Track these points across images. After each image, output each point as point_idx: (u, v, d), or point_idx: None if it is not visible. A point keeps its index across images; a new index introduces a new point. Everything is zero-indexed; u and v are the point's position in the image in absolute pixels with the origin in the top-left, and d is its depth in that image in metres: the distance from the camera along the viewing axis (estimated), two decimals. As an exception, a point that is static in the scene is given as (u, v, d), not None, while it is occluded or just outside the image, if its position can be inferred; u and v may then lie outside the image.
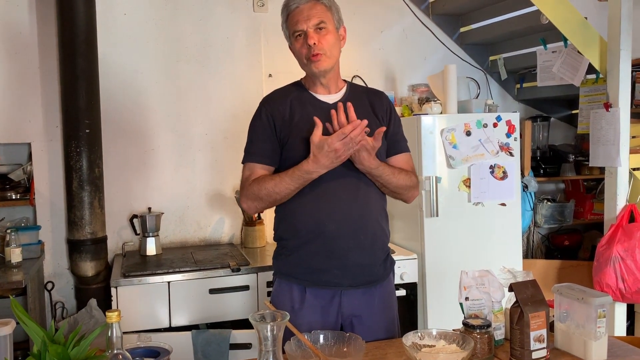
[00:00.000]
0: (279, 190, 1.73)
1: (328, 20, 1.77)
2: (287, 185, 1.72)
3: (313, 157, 1.66)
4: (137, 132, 3.26)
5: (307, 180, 1.71)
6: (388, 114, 1.90)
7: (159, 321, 2.71)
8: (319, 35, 1.75)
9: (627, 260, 2.81)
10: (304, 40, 1.76)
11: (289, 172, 1.72)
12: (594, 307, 1.46)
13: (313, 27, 1.75)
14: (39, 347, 1.19)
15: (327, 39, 1.76)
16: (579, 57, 3.09)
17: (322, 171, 1.69)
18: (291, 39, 1.81)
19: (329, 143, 1.63)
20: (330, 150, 1.63)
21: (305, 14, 1.75)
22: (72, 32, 2.90)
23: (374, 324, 1.82)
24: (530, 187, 3.61)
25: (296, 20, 1.76)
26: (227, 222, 3.45)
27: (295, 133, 1.77)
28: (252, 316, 1.28)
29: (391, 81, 3.74)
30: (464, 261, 3.01)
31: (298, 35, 1.77)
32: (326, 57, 1.77)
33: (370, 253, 1.81)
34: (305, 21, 1.75)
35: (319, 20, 1.75)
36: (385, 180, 1.79)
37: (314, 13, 1.75)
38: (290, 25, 1.79)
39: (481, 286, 1.60)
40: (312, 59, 1.76)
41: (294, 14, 1.77)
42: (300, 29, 1.76)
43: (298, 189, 1.73)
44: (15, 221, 3.04)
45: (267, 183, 1.74)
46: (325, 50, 1.76)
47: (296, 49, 1.80)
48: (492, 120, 3.09)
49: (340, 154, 1.65)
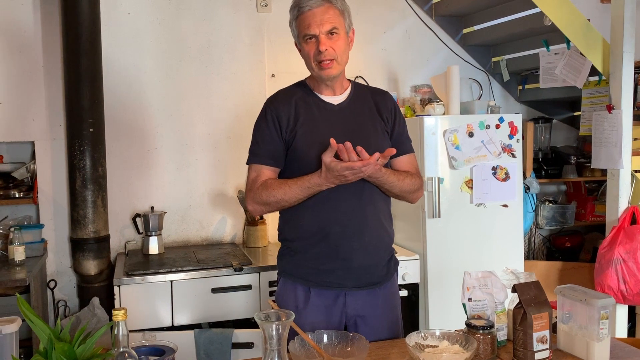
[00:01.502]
0: (288, 199, 1.74)
1: (340, 26, 1.74)
2: (296, 194, 1.72)
3: (323, 174, 1.66)
4: (140, 131, 3.27)
5: (316, 192, 1.72)
6: (393, 115, 1.89)
7: (162, 320, 2.72)
8: (330, 42, 1.72)
9: (628, 262, 2.82)
10: (314, 45, 1.73)
11: (299, 182, 1.72)
12: (597, 309, 1.47)
13: (325, 33, 1.71)
14: (45, 344, 1.19)
15: (338, 44, 1.74)
16: (581, 59, 3.09)
17: (331, 185, 1.70)
18: (300, 40, 1.79)
19: (338, 169, 1.62)
20: (339, 175, 1.63)
21: (318, 18, 1.71)
22: (76, 32, 2.90)
23: (378, 325, 1.83)
24: (532, 189, 3.61)
25: (308, 24, 1.72)
26: (229, 221, 3.46)
27: (301, 134, 1.76)
28: (258, 315, 1.29)
29: (394, 82, 3.74)
30: (465, 262, 3.01)
31: (309, 39, 1.74)
32: (336, 64, 1.75)
33: (374, 254, 1.81)
34: (317, 26, 1.71)
35: (332, 26, 1.72)
36: (391, 186, 1.80)
37: (327, 18, 1.71)
38: (301, 28, 1.75)
39: (484, 287, 1.60)
40: (323, 66, 1.74)
41: (305, 15, 1.73)
42: (312, 33, 1.72)
43: (307, 197, 1.74)
44: (19, 219, 3.04)
45: (277, 191, 1.74)
46: (336, 56, 1.74)
47: (305, 51, 1.77)
48: (494, 121, 3.09)
49: (350, 178, 1.66)
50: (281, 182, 1.76)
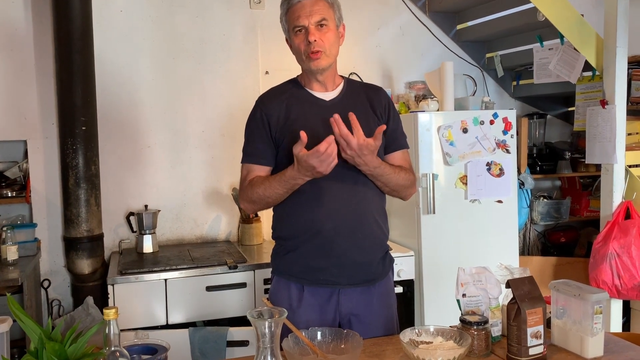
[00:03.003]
0: (269, 194, 1.73)
1: (329, 18, 1.75)
2: (275, 189, 1.72)
3: (295, 167, 1.64)
4: (134, 129, 3.26)
5: (293, 186, 1.70)
6: (387, 110, 1.87)
7: (156, 319, 2.71)
8: (320, 33, 1.73)
9: (623, 256, 2.83)
10: (304, 36, 1.74)
11: (277, 177, 1.71)
12: (591, 304, 1.47)
13: (314, 24, 1.72)
14: (36, 344, 1.18)
15: (327, 36, 1.74)
16: (575, 54, 3.09)
17: (306, 179, 1.67)
18: (290, 34, 1.79)
19: (305, 159, 1.59)
20: (307, 165, 1.60)
21: (307, 9, 1.72)
22: (68, 29, 2.88)
23: (373, 322, 1.81)
24: (526, 184, 3.62)
25: (297, 15, 1.73)
26: (223, 219, 3.45)
27: (292, 131, 1.74)
28: (250, 313, 1.28)
29: (388, 78, 3.74)
30: (460, 258, 3.01)
31: (298, 31, 1.75)
32: (325, 56, 1.75)
33: (368, 251, 1.80)
34: (307, 17, 1.72)
35: (321, 17, 1.73)
36: (387, 180, 1.77)
37: (316, 9, 1.73)
38: (291, 20, 1.76)
39: (478, 283, 1.60)
40: (312, 57, 1.74)
41: (295, 8, 1.74)
42: (301, 25, 1.73)
43: (287, 193, 1.72)
44: (11, 219, 3.03)
45: (259, 187, 1.74)
46: (325, 48, 1.74)
47: (295, 44, 1.78)
48: (488, 117, 3.09)
49: (319, 169, 1.60)
50: (264, 179, 1.76)
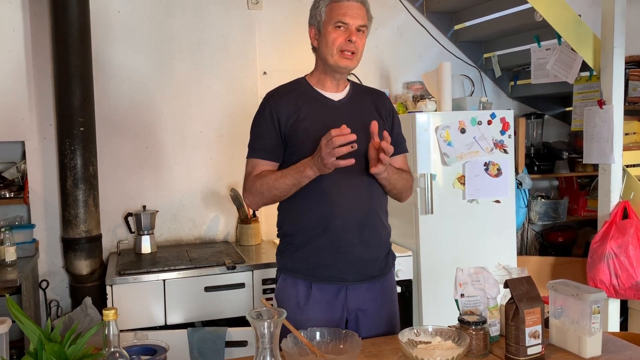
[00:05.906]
0: (278, 185, 1.75)
1: (366, 28, 1.83)
2: (284, 180, 1.74)
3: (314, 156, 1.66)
4: (132, 130, 3.26)
5: (302, 178, 1.71)
6: (390, 115, 1.94)
7: (155, 319, 2.71)
8: (358, 36, 1.80)
9: (620, 256, 2.83)
10: (344, 34, 1.78)
11: (289, 167, 1.75)
12: (589, 303, 1.47)
13: (357, 26, 1.79)
14: (36, 345, 1.18)
15: (362, 42, 1.82)
16: (572, 54, 3.10)
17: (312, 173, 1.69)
18: (327, 26, 1.80)
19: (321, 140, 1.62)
20: (319, 148, 1.63)
21: (354, 11, 1.79)
22: (66, 30, 2.88)
23: (378, 317, 1.86)
24: (524, 184, 3.62)
25: (344, 12, 1.77)
26: (222, 220, 3.45)
27: (303, 128, 1.78)
28: (249, 313, 1.28)
29: (386, 79, 3.74)
30: (458, 258, 3.01)
31: (339, 27, 1.78)
32: (356, 59, 1.82)
33: (373, 248, 1.84)
34: (352, 17, 1.78)
35: (363, 23, 1.80)
36: (395, 183, 1.84)
37: (361, 14, 1.80)
38: (335, 14, 1.78)
39: (476, 283, 1.60)
40: (345, 55, 1.78)
41: (341, 4, 1.78)
42: (347, 22, 1.78)
43: (295, 186, 1.74)
44: (9, 220, 3.03)
45: (269, 177, 1.77)
46: (358, 52, 1.81)
47: (331, 37, 1.79)
48: (486, 117, 3.10)
49: (323, 153, 1.61)
50: (273, 172, 1.79)
